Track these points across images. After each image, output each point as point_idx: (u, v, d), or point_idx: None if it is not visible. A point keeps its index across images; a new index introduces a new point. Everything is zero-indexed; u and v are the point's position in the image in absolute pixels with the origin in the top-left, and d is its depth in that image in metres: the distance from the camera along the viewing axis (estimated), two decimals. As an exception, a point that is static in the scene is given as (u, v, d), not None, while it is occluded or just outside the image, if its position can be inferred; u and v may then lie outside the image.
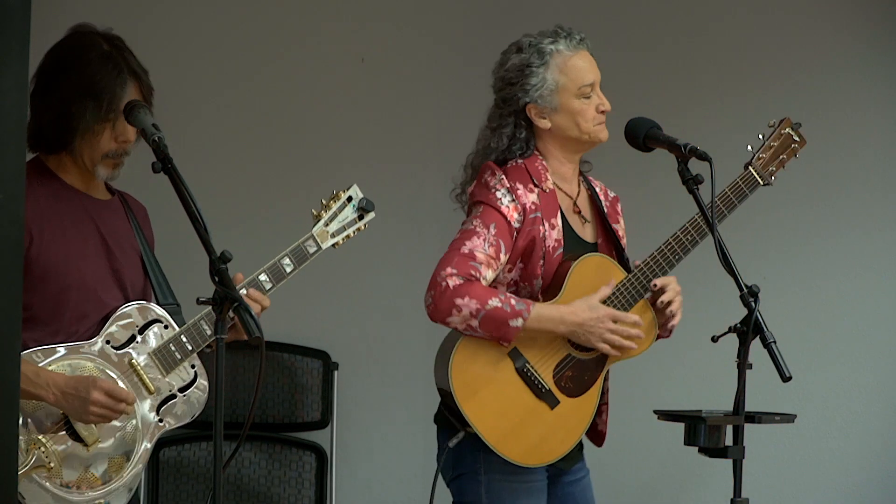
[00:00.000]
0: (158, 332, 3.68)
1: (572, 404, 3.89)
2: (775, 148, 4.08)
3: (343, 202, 3.89)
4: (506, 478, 3.88)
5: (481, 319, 3.78)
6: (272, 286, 3.74)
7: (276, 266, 3.75)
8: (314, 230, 3.82)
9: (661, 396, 4.48)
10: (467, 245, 3.85)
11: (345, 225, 3.89)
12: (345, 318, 5.74)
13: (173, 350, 3.66)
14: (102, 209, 3.72)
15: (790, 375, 3.56)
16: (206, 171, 5.49)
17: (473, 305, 3.78)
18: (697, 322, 4.18)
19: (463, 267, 3.81)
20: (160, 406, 3.65)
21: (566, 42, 3.96)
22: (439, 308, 3.80)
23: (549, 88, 3.94)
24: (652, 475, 5.66)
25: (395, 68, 5.77)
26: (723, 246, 3.65)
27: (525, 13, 4.26)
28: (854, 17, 5.68)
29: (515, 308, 3.79)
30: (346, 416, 5.69)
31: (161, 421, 3.65)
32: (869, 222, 5.64)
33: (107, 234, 3.69)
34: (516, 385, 3.86)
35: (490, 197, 3.89)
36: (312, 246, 3.81)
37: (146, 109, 3.52)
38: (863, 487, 5.60)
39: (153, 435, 3.65)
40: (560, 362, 3.89)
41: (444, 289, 3.79)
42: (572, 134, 3.97)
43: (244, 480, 5.61)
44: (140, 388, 3.62)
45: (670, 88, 5.68)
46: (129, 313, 3.66)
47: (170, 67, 5.66)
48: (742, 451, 3.60)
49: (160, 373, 3.65)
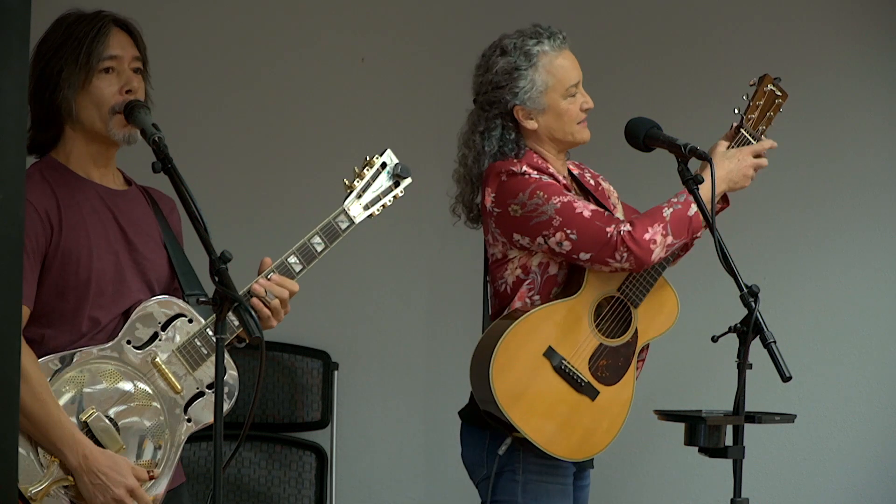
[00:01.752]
0: (182, 327, 3.52)
1: (612, 392, 3.92)
2: (761, 106, 4.06)
3: (377, 169, 3.69)
4: (543, 479, 3.91)
5: (673, 232, 3.84)
6: (303, 268, 3.58)
7: (305, 246, 3.58)
8: (346, 203, 3.63)
9: (661, 396, 4.47)
10: (581, 211, 3.87)
11: (380, 194, 3.68)
12: (345, 318, 5.74)
13: (199, 345, 3.52)
14: (119, 199, 3.58)
15: (790, 375, 3.56)
16: (206, 171, 5.49)
17: (659, 228, 3.84)
18: (697, 322, 4.18)
19: (609, 219, 3.86)
20: (188, 405, 3.51)
21: (550, 42, 3.97)
22: (641, 252, 3.83)
23: (538, 90, 3.95)
24: (652, 475, 5.66)
25: (395, 68, 5.77)
26: (723, 246, 3.65)
27: (525, 13, 4.25)
28: (856, 18, 5.68)
29: (682, 201, 3.87)
30: (346, 416, 5.69)
31: (190, 420, 3.51)
32: (869, 222, 5.63)
33: (126, 225, 3.55)
34: (556, 383, 3.87)
35: (532, 180, 3.90)
36: (344, 221, 3.62)
37: (146, 109, 3.46)
38: (863, 487, 5.60)
39: (184, 435, 3.51)
40: (594, 353, 3.91)
41: (626, 238, 3.82)
42: (557, 134, 3.99)
43: (244, 480, 5.60)
44: (166, 388, 3.48)
45: (670, 88, 5.67)
46: (151, 309, 3.51)
47: (170, 68, 5.65)
48: (742, 451, 3.61)
49: (187, 370, 3.51)
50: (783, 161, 4.15)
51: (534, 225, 3.88)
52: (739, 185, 3.95)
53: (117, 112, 3.50)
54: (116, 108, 3.49)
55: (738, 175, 3.93)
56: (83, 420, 3.40)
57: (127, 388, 3.46)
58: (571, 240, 3.85)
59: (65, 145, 3.56)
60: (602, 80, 4.02)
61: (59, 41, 3.50)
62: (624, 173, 4.48)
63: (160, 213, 3.67)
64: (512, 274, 3.94)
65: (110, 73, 3.52)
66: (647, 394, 4.22)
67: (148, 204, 3.66)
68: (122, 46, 3.55)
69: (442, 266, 5.69)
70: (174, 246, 3.64)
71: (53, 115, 3.53)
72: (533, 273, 3.93)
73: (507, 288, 3.95)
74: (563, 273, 3.93)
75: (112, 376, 3.45)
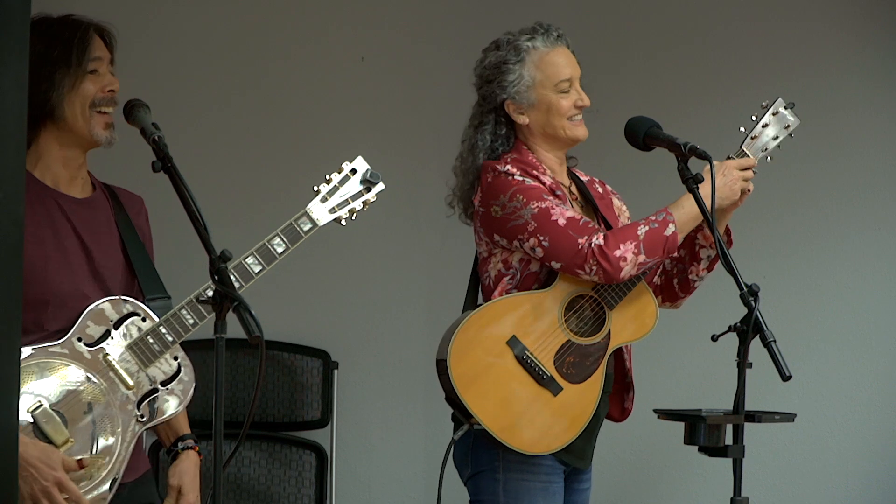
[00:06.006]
0: (136, 325, 3.54)
1: (576, 391, 3.88)
2: (768, 128, 4.05)
3: (346, 175, 3.70)
4: (523, 476, 3.88)
5: (646, 251, 3.80)
6: (262, 268, 3.57)
7: (265, 247, 3.58)
8: (309, 206, 3.64)
9: (660, 395, 4.47)
10: (557, 218, 3.85)
11: (348, 198, 3.67)
12: (345, 317, 5.74)
13: (151, 342, 3.52)
14: (81, 208, 3.60)
15: (790, 374, 3.55)
16: (206, 169, 5.48)
17: (631, 246, 3.79)
18: (697, 321, 4.18)
19: (583, 229, 3.83)
20: (141, 401, 3.52)
21: (543, 38, 3.98)
22: (611, 268, 3.79)
23: (526, 85, 3.96)
24: (652, 474, 5.65)
25: (395, 67, 5.76)
26: (723, 245, 3.65)
27: (525, 12, 4.25)
28: (858, 19, 5.68)
29: (659, 219, 3.83)
30: (346, 415, 5.68)
31: (143, 417, 3.52)
32: (870, 221, 5.63)
33: (85, 235, 3.57)
34: (517, 373, 3.85)
35: (514, 182, 3.89)
36: (306, 223, 3.61)
37: (146, 109, 3.47)
38: (863, 486, 5.60)
39: (134, 432, 3.52)
40: (560, 348, 3.88)
41: (597, 252, 3.79)
42: (548, 130, 3.98)
43: (244, 480, 5.60)
44: (117, 383, 3.50)
45: (670, 88, 5.67)
46: (103, 307, 3.52)
47: (169, 66, 5.67)
48: (742, 450, 3.60)
49: (139, 367, 3.52)
50: (785, 159, 4.13)
51: (510, 227, 3.88)
52: (729, 199, 3.89)
53: (98, 110, 3.56)
54: (97, 103, 3.55)
55: (727, 189, 3.88)
56: (29, 411, 3.40)
57: (76, 382, 3.47)
58: (544, 246, 3.84)
59: (36, 149, 3.58)
60: (603, 80, 4.01)
61: (45, 45, 3.53)
62: (623, 173, 4.48)
63: (125, 215, 3.69)
64: (494, 268, 3.94)
65: (94, 74, 3.58)
66: (647, 393, 4.22)
67: (111, 208, 3.68)
68: (101, 49, 3.60)
69: (441, 265, 5.68)
70: (136, 249, 3.66)
71: (31, 120, 3.53)
72: (514, 269, 3.93)
73: (490, 282, 3.95)
74: (545, 270, 3.92)
75: (61, 371, 3.46)
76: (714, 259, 4.02)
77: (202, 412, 5.47)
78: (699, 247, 4.01)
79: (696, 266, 4.03)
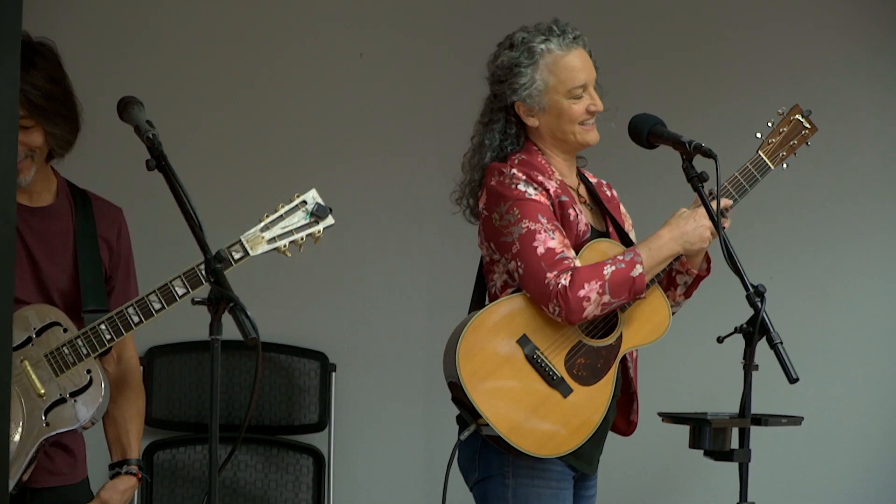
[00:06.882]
0: (56, 335, 3.62)
1: (587, 393, 3.83)
2: (785, 134, 4.05)
3: (293, 207, 3.71)
4: (533, 482, 3.83)
5: (610, 291, 3.75)
6: (186, 291, 3.59)
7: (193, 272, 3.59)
8: (244, 235, 3.66)
9: (665, 398, 4.44)
10: (538, 246, 3.79)
11: (292, 230, 3.67)
12: (342, 319, 5.72)
13: (66, 353, 3.60)
14: (33, 217, 3.67)
15: (797, 377, 3.52)
16: (201, 168, 5.46)
17: (595, 286, 3.74)
18: (703, 323, 4.16)
19: (556, 264, 3.76)
20: (49, 409, 3.60)
21: (559, 41, 3.91)
22: (571, 310, 3.73)
23: (538, 89, 3.90)
24: (656, 478, 5.65)
25: (393, 64, 5.76)
26: (729, 246, 3.62)
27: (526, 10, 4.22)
28: (866, 23, 5.70)
29: (627, 260, 3.79)
30: (343, 419, 5.66)
31: (48, 424, 3.59)
32: (877, 224, 5.67)
33: (33, 244, 3.65)
34: (527, 373, 3.80)
35: (515, 192, 3.84)
36: (238, 252, 3.62)
37: (140, 106, 3.46)
38: (871, 491, 5.60)
39: (37, 437, 3.58)
40: (571, 349, 3.83)
41: (560, 292, 3.73)
42: (558, 134, 3.93)
43: (240, 484, 5.58)
44: (29, 389, 3.58)
45: (674, 87, 5.67)
46: (27, 314, 3.61)
47: (165, 64, 5.65)
48: (748, 454, 3.57)
49: (51, 375, 3.60)
50: (792, 162, 4.12)
51: (501, 242, 3.85)
52: (697, 246, 3.86)
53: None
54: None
55: (695, 236, 3.85)
56: None
57: None
58: (519, 273, 3.81)
59: None
60: (606, 78, 3.97)
61: None
62: (628, 171, 4.46)
63: (89, 225, 3.74)
64: (500, 277, 3.91)
65: None
66: (652, 396, 4.19)
67: (71, 217, 3.73)
68: None
69: (441, 266, 5.67)
70: (89, 261, 3.72)
71: None
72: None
73: (497, 290, 3.92)
74: None
75: None
76: (691, 286, 4.00)
77: (197, 415, 5.47)
78: (675, 272, 3.98)
79: (672, 292, 4.00)
